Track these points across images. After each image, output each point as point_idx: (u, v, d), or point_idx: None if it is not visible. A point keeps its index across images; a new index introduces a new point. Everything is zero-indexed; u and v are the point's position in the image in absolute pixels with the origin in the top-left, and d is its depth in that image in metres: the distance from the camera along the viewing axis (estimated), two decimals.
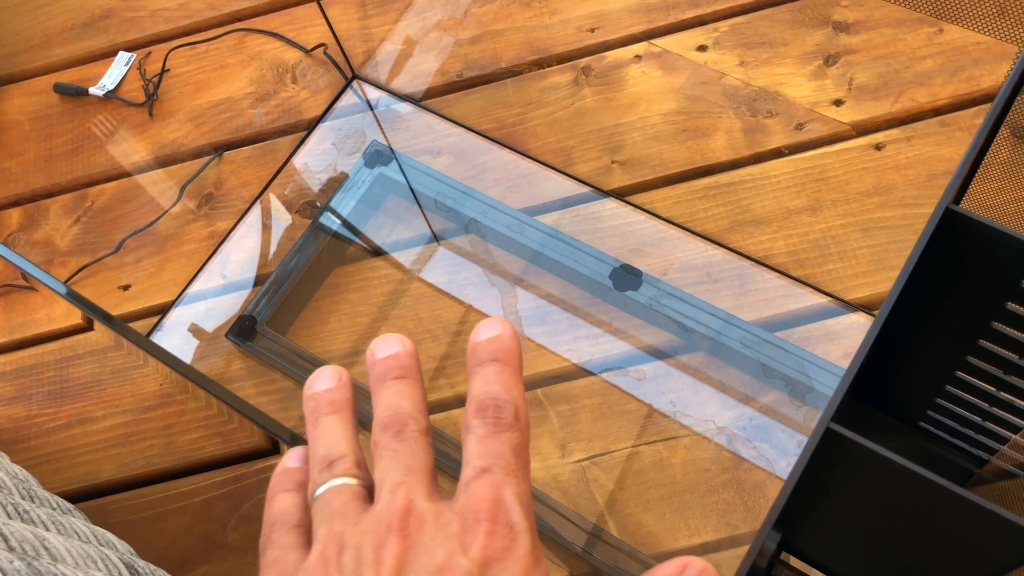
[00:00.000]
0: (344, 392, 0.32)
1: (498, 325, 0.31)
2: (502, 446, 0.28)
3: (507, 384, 0.30)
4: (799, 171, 0.73)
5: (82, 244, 0.80)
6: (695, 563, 0.28)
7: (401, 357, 0.32)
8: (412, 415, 0.30)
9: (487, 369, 0.30)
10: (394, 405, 0.30)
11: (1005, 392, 0.41)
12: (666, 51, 0.80)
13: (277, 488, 0.31)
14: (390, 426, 0.29)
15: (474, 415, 0.29)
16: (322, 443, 0.30)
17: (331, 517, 0.28)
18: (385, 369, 0.31)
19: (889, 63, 0.76)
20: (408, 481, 0.28)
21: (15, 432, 0.73)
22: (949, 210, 0.32)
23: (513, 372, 0.30)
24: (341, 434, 0.31)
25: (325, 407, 0.31)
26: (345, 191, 0.78)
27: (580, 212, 0.74)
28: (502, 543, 0.26)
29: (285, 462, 0.32)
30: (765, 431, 0.64)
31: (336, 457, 0.30)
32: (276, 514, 0.30)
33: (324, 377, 0.32)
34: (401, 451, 0.29)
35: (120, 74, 0.87)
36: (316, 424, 0.31)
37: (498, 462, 0.28)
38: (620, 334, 0.69)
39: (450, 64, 0.83)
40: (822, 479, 0.31)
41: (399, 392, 0.31)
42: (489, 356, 0.31)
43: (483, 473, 0.28)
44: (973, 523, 0.29)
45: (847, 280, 0.68)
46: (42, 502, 0.50)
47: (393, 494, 0.27)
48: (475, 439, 0.29)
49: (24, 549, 0.38)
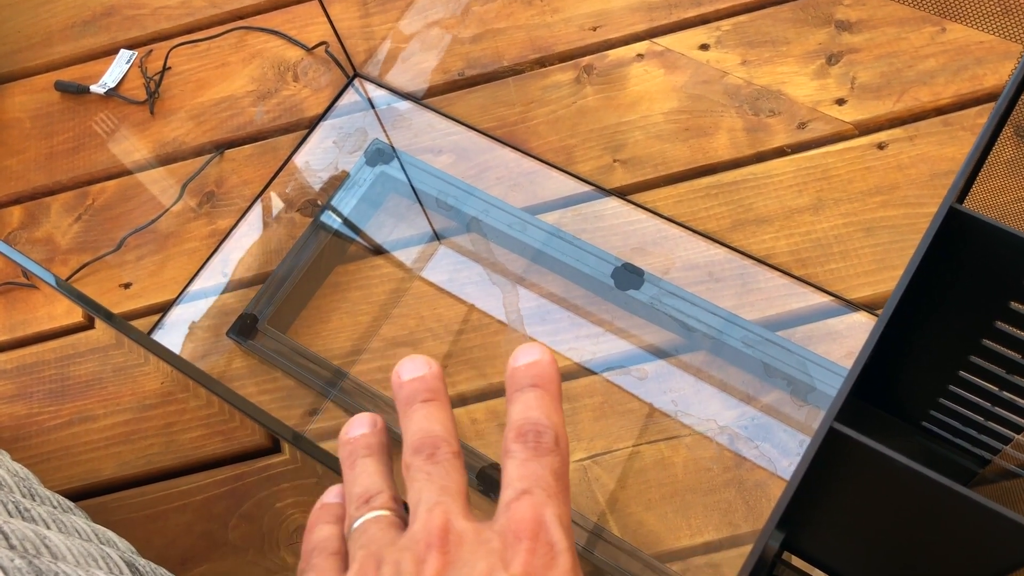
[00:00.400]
0: (379, 436, 0.33)
1: (537, 351, 0.32)
2: (543, 469, 0.29)
3: (547, 410, 0.30)
4: (801, 170, 0.73)
5: (83, 242, 0.80)
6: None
7: (428, 379, 0.32)
8: (444, 438, 0.30)
9: (527, 394, 0.31)
10: (425, 428, 0.31)
11: (1008, 392, 0.41)
12: (668, 50, 0.80)
13: (316, 520, 0.32)
14: (422, 449, 0.30)
15: (515, 439, 0.30)
16: (359, 482, 0.31)
17: (368, 542, 0.29)
18: (413, 391, 0.32)
19: (892, 62, 0.76)
20: (444, 501, 0.28)
21: (16, 430, 0.73)
22: (953, 209, 0.32)
23: (553, 398, 0.31)
24: (378, 473, 0.31)
25: (361, 450, 0.32)
26: (346, 189, 0.78)
27: (582, 211, 0.74)
28: (543, 561, 0.27)
29: (324, 498, 0.33)
30: (767, 430, 0.64)
31: (373, 493, 0.30)
32: (315, 542, 0.31)
33: (359, 423, 0.33)
34: (435, 473, 0.29)
35: (121, 72, 0.87)
36: (353, 466, 0.32)
37: (539, 484, 0.28)
38: (622, 333, 0.69)
39: (452, 62, 0.83)
40: (825, 479, 0.31)
41: (429, 415, 0.31)
42: (529, 381, 0.31)
43: (524, 495, 0.28)
44: (976, 523, 0.28)
45: (849, 279, 0.68)
46: (43, 500, 0.50)
47: (430, 513, 0.28)
48: (516, 463, 0.29)
49: (25, 547, 0.38)
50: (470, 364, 0.70)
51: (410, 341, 0.71)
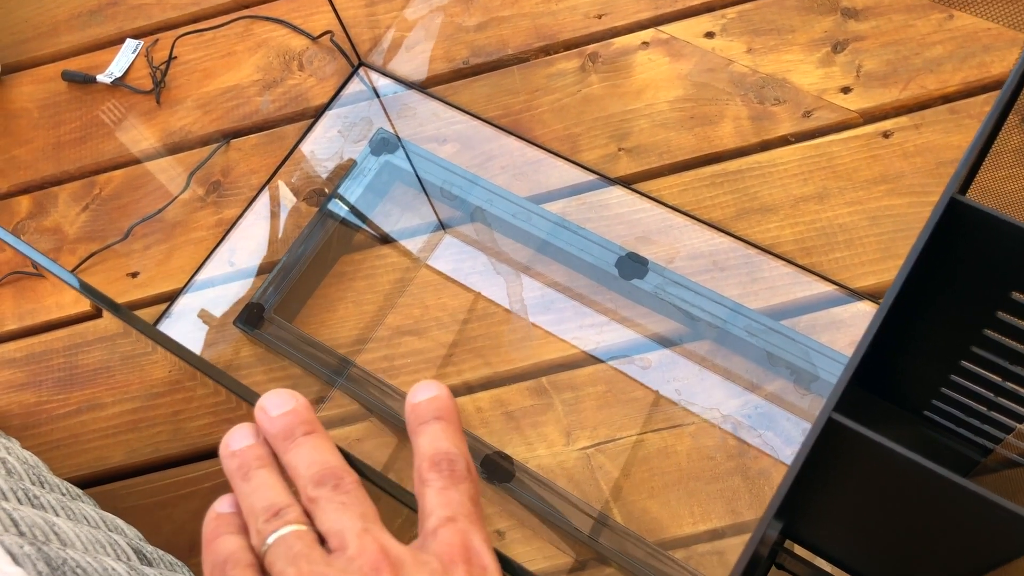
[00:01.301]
0: (267, 448, 0.32)
1: (435, 386, 0.33)
2: (461, 496, 0.30)
3: (455, 440, 0.31)
4: (806, 159, 0.73)
5: (91, 231, 0.80)
6: None
7: (302, 412, 0.32)
8: (345, 468, 0.31)
9: (433, 427, 0.32)
10: (320, 460, 0.31)
11: (1010, 382, 0.41)
12: (673, 38, 0.80)
13: (218, 531, 0.31)
14: (325, 480, 0.30)
15: (429, 469, 0.30)
16: (260, 494, 0.31)
17: (296, 559, 0.28)
18: (289, 425, 0.32)
19: (898, 50, 0.75)
20: (371, 528, 0.29)
21: (25, 418, 0.73)
22: (953, 200, 0.32)
23: (457, 429, 0.32)
24: (279, 486, 0.31)
25: (253, 462, 0.32)
26: (352, 179, 0.78)
27: (586, 200, 0.74)
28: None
29: (217, 508, 0.32)
30: (770, 419, 0.64)
31: (282, 506, 0.30)
32: (225, 555, 0.30)
33: (242, 434, 0.33)
34: (349, 502, 0.30)
35: (128, 61, 0.87)
36: (248, 478, 0.31)
37: (461, 511, 0.30)
38: (626, 322, 0.69)
39: (456, 51, 0.83)
40: (824, 468, 0.31)
41: (319, 447, 0.31)
42: (432, 415, 0.32)
43: (449, 521, 0.29)
44: (975, 513, 0.29)
45: (854, 268, 0.68)
46: (52, 488, 0.50)
47: (362, 539, 0.28)
48: (433, 491, 0.30)
49: (34, 534, 0.38)
50: (475, 353, 0.70)
51: (415, 330, 0.72)
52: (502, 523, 0.65)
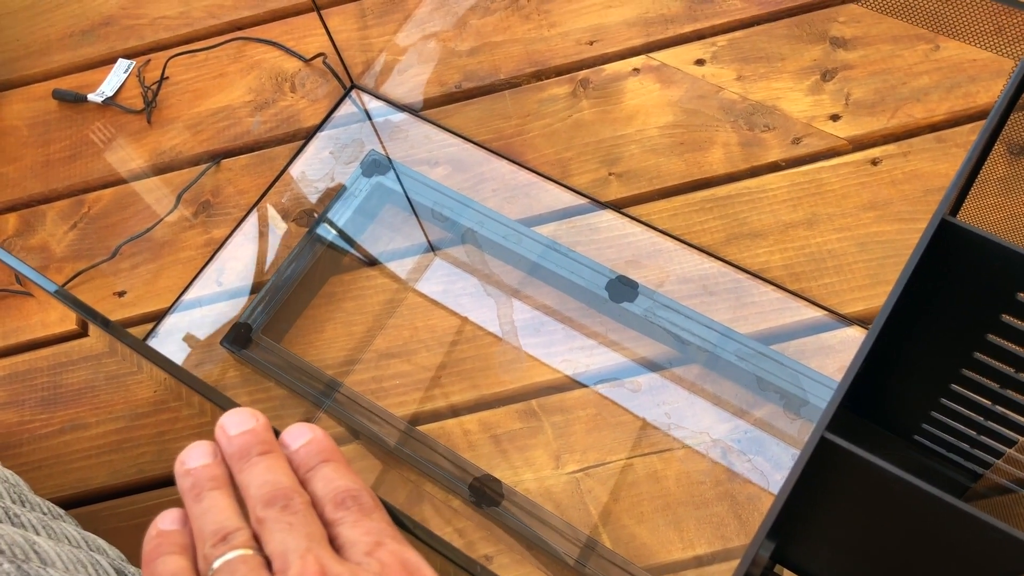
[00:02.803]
0: (223, 468, 0.32)
1: (307, 430, 0.32)
2: (378, 523, 0.30)
3: (349, 476, 0.31)
4: (796, 185, 0.73)
5: (78, 250, 0.80)
6: None
7: (259, 432, 0.32)
8: (295, 488, 0.30)
9: (324, 469, 0.31)
10: (271, 480, 0.30)
11: (1000, 406, 0.41)
12: (664, 64, 0.80)
13: (159, 551, 0.30)
14: (274, 501, 0.30)
15: (336, 508, 0.30)
16: (210, 517, 0.30)
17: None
18: (245, 444, 0.32)
19: (886, 79, 0.76)
20: (313, 548, 0.28)
21: (7, 437, 0.72)
22: (944, 221, 0.32)
23: (346, 466, 0.32)
24: (230, 509, 0.31)
25: (207, 483, 0.31)
26: (342, 200, 0.78)
27: (577, 223, 0.74)
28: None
29: (159, 524, 0.31)
30: (760, 444, 0.64)
31: (231, 530, 0.30)
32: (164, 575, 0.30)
33: (200, 452, 0.32)
34: (296, 522, 0.29)
35: (119, 81, 0.87)
36: (200, 499, 0.31)
37: (384, 535, 0.29)
38: (615, 346, 0.69)
39: (449, 75, 0.83)
40: (816, 489, 0.31)
41: (271, 467, 0.31)
42: (318, 458, 0.32)
43: (378, 546, 0.29)
44: (968, 534, 0.28)
45: (843, 294, 0.68)
46: (33, 507, 0.49)
47: (304, 561, 0.28)
48: (349, 525, 0.29)
49: (14, 552, 0.38)
50: (463, 376, 0.70)
51: (404, 352, 0.71)
52: (489, 548, 0.64)
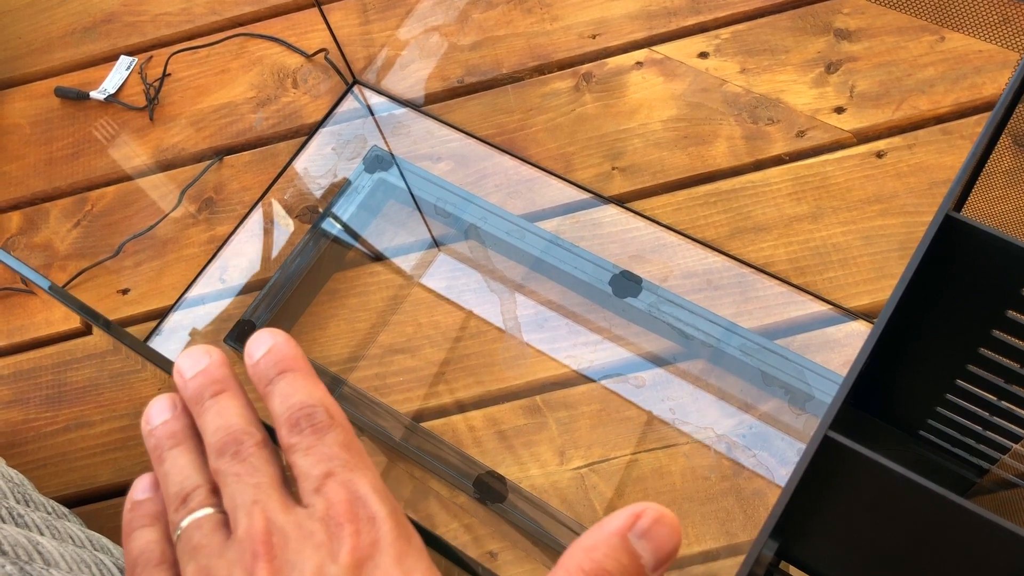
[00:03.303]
0: (182, 420, 0.31)
1: (267, 337, 0.30)
2: (330, 448, 0.28)
3: (307, 389, 0.29)
4: (800, 178, 0.73)
5: (82, 248, 0.80)
6: (648, 512, 0.26)
7: (211, 370, 0.30)
8: (245, 430, 0.29)
9: (279, 383, 0.29)
10: (222, 425, 0.29)
11: (1006, 401, 0.40)
12: (667, 58, 0.80)
13: (132, 525, 0.30)
14: (226, 449, 0.29)
15: (289, 433, 0.28)
16: (172, 479, 0.29)
17: (195, 553, 0.27)
18: (198, 387, 0.30)
19: (891, 71, 0.76)
20: (260, 498, 0.27)
21: (12, 436, 0.72)
22: (949, 217, 0.32)
23: (306, 375, 0.30)
24: (190, 466, 0.29)
25: (166, 441, 0.30)
26: (345, 196, 0.78)
27: (580, 218, 0.74)
28: (368, 539, 0.26)
29: (133, 494, 0.30)
30: (765, 439, 0.64)
31: (189, 490, 0.29)
32: (136, 554, 0.29)
33: (159, 408, 0.31)
34: (244, 471, 0.28)
35: (121, 78, 0.87)
36: (162, 461, 0.30)
37: (335, 463, 0.28)
38: (620, 341, 0.69)
39: (451, 70, 0.83)
40: (820, 487, 0.30)
41: (221, 410, 0.30)
42: (275, 371, 0.30)
43: (327, 478, 0.27)
44: (972, 533, 0.28)
45: (848, 288, 0.68)
46: (37, 506, 0.50)
47: (250, 517, 0.27)
48: (301, 453, 0.28)
49: (17, 553, 0.38)
50: (468, 371, 0.70)
51: (408, 348, 0.71)
52: (494, 544, 0.64)
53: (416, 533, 0.28)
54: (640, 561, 0.26)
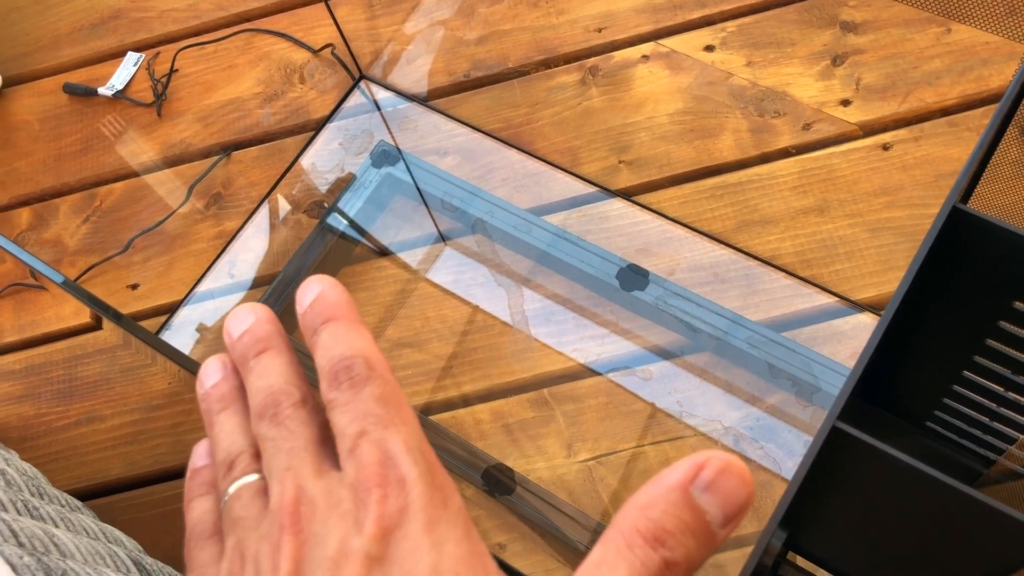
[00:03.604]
0: (230, 381, 0.30)
1: (316, 284, 0.29)
2: (366, 403, 0.26)
3: (348, 339, 0.28)
4: (806, 171, 0.73)
5: (91, 243, 0.80)
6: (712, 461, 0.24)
7: (256, 329, 0.29)
8: (284, 390, 0.28)
9: (321, 335, 0.28)
10: (263, 387, 0.28)
11: (1013, 392, 0.41)
12: (673, 51, 0.80)
13: (190, 494, 0.29)
14: (265, 412, 0.28)
15: (328, 388, 0.27)
16: (220, 445, 0.29)
17: (235, 525, 0.27)
18: (244, 348, 0.29)
19: (897, 63, 0.76)
20: (293, 464, 0.26)
21: (24, 430, 0.73)
22: (956, 208, 0.32)
23: (349, 323, 0.28)
24: (237, 429, 0.29)
25: (215, 404, 0.29)
26: (352, 191, 0.79)
27: (587, 212, 0.74)
28: (396, 505, 0.25)
29: (193, 461, 0.30)
30: (771, 431, 0.64)
31: (235, 456, 0.28)
32: (192, 525, 0.28)
33: (211, 371, 0.30)
34: (279, 436, 0.27)
35: (129, 74, 0.88)
36: (212, 425, 0.29)
37: (369, 420, 0.26)
38: (626, 334, 0.69)
39: (457, 64, 0.83)
40: (828, 478, 0.31)
41: (264, 371, 0.29)
42: (319, 320, 0.28)
43: (360, 437, 0.26)
44: (980, 522, 0.28)
45: (854, 280, 0.68)
46: (51, 499, 0.50)
47: (282, 484, 0.26)
48: (339, 411, 0.27)
49: (34, 545, 0.38)
50: (475, 365, 0.70)
51: (415, 342, 0.71)
52: (502, 536, 0.64)
53: (455, 493, 0.26)
54: (706, 517, 0.23)
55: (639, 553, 0.23)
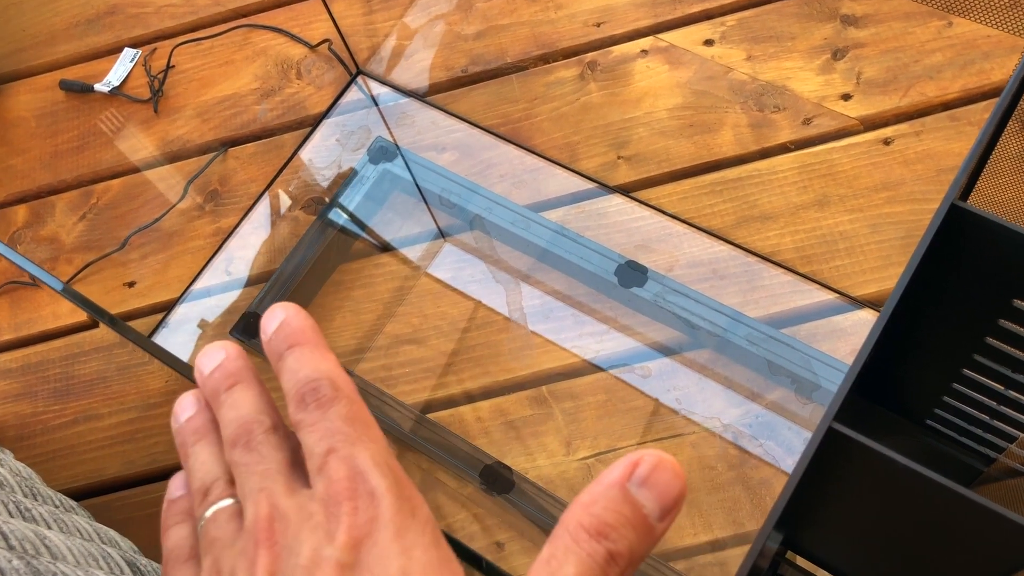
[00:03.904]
0: (203, 415, 0.31)
1: (280, 311, 0.30)
2: (333, 423, 0.28)
3: (313, 362, 0.29)
4: (806, 166, 0.72)
5: (87, 241, 0.80)
6: (646, 459, 0.26)
7: (226, 365, 0.31)
8: (254, 418, 0.29)
9: (287, 360, 0.29)
10: (235, 417, 0.29)
11: (1013, 390, 0.40)
12: (672, 46, 0.79)
13: (167, 523, 0.30)
14: (238, 440, 0.29)
15: (296, 409, 0.28)
16: (195, 474, 0.30)
17: (211, 545, 0.28)
18: (215, 383, 0.31)
19: (898, 57, 0.75)
20: (265, 485, 0.27)
21: (20, 429, 0.73)
22: (955, 205, 0.32)
23: (314, 347, 0.29)
24: (211, 459, 0.30)
25: (190, 437, 0.30)
26: (350, 187, 0.78)
27: (586, 208, 0.74)
28: (366, 516, 0.26)
29: (169, 492, 0.31)
30: (771, 428, 0.64)
31: (209, 483, 0.29)
32: (169, 551, 0.29)
33: (185, 405, 0.31)
34: (251, 461, 0.28)
35: (125, 71, 0.87)
36: (187, 457, 0.30)
37: (337, 438, 0.27)
38: (626, 331, 0.69)
39: (455, 59, 0.83)
40: (825, 478, 0.30)
41: (234, 402, 0.30)
42: (284, 346, 0.30)
43: (329, 455, 0.27)
44: (977, 523, 0.28)
45: (854, 276, 0.68)
46: (45, 500, 0.50)
47: (256, 504, 0.27)
48: (307, 431, 0.28)
49: (24, 548, 0.38)
50: (474, 362, 0.70)
51: (414, 339, 0.71)
52: (502, 534, 0.64)
53: (423, 505, 0.27)
54: (643, 511, 0.25)
55: (585, 546, 0.25)
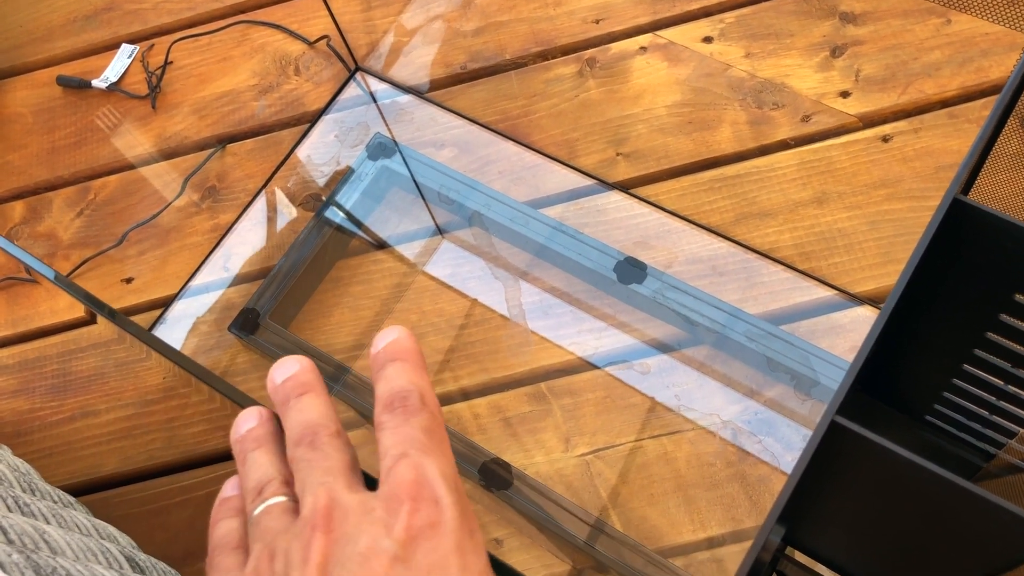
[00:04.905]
0: (266, 427, 0.33)
1: (395, 331, 0.32)
2: (413, 430, 0.29)
3: (409, 376, 0.30)
4: (805, 163, 0.72)
5: (85, 237, 0.80)
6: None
7: (299, 376, 0.32)
8: (320, 423, 0.30)
9: (387, 370, 0.31)
10: (300, 420, 0.31)
11: (1012, 386, 0.40)
12: (671, 42, 0.79)
13: (216, 517, 0.32)
14: (302, 440, 0.30)
15: (382, 411, 0.30)
16: (251, 476, 0.31)
17: (264, 534, 0.28)
18: (286, 392, 0.32)
19: (896, 54, 0.75)
20: (327, 480, 0.28)
21: (18, 425, 0.73)
22: (956, 200, 0.32)
23: (413, 365, 0.31)
24: (269, 463, 0.31)
25: (250, 444, 0.32)
26: (348, 184, 0.78)
27: (584, 205, 0.74)
28: (427, 519, 0.26)
29: (222, 493, 0.32)
30: (770, 425, 0.64)
31: (264, 483, 0.30)
32: (217, 539, 0.31)
33: (246, 418, 0.33)
34: (315, 458, 0.29)
35: (123, 66, 0.87)
36: (244, 462, 0.32)
37: (412, 445, 0.28)
38: (624, 327, 0.69)
39: (454, 56, 0.83)
40: (827, 473, 0.30)
41: (302, 407, 0.31)
42: (388, 358, 0.31)
43: (401, 458, 0.28)
44: (979, 517, 0.28)
45: (853, 273, 0.68)
46: (43, 495, 0.50)
47: (315, 495, 0.28)
48: (386, 432, 0.29)
49: (23, 542, 0.38)
50: (472, 359, 0.69)
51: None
52: (500, 531, 0.64)
53: (480, 530, 0.28)
54: None
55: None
